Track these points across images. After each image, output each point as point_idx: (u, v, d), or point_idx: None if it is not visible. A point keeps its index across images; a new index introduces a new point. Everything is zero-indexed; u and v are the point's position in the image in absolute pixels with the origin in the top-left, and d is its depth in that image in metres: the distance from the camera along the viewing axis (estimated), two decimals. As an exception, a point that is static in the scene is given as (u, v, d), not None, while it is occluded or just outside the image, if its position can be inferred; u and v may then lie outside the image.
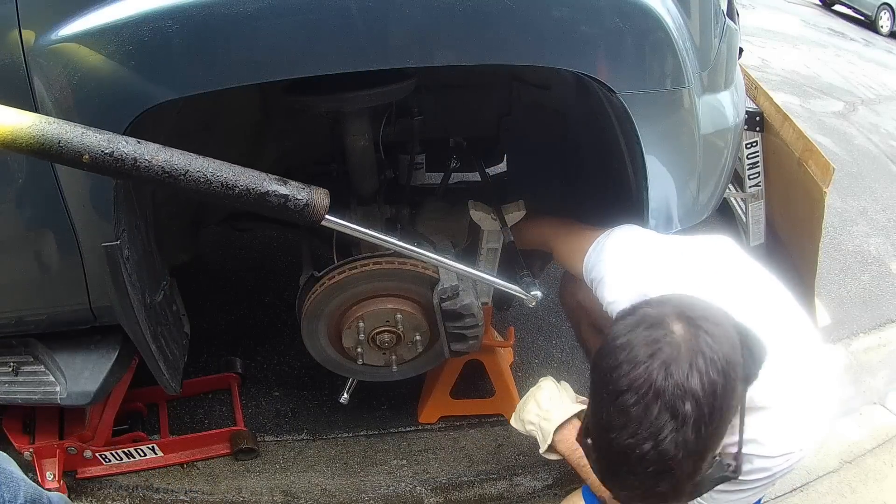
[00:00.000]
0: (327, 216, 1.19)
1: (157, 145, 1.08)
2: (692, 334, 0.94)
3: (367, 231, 1.35)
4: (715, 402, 0.92)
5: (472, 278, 1.61)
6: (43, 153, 1.02)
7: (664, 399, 0.91)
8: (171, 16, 1.11)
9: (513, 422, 1.63)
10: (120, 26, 1.10)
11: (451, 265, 1.53)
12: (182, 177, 1.07)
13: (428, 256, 1.49)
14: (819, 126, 4.91)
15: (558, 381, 1.62)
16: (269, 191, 1.12)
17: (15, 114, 1.02)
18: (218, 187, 1.09)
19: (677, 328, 0.95)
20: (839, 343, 2.70)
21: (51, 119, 1.04)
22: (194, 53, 1.16)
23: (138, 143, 1.06)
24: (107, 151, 1.02)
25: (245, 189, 1.11)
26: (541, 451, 1.54)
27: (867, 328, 2.82)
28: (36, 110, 1.15)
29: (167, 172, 1.06)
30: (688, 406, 0.91)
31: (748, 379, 1.01)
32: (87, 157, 1.02)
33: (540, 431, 1.53)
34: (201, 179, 1.08)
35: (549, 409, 1.52)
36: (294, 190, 1.14)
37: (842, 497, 2.07)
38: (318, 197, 1.16)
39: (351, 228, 1.31)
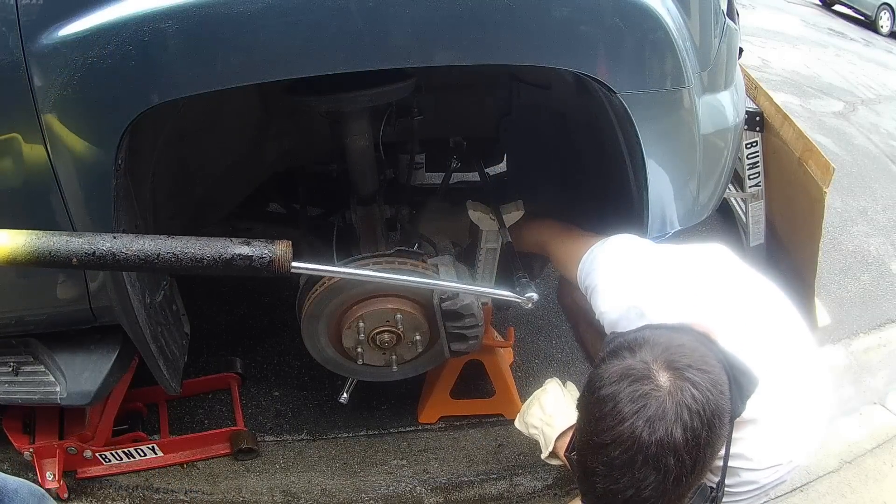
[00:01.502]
0: (294, 264, 1.24)
1: (131, 236, 1.18)
2: (678, 387, 0.94)
3: (337, 269, 1.46)
4: (698, 454, 0.93)
5: (470, 286, 1.62)
6: (39, 264, 1.13)
7: (648, 454, 0.92)
8: (170, 16, 1.11)
9: (517, 423, 1.63)
10: (120, 26, 1.10)
11: (438, 285, 1.56)
12: (156, 260, 1.17)
13: (411, 281, 1.54)
14: (819, 126, 4.91)
15: (564, 383, 1.62)
16: (234, 255, 1.19)
17: (8, 236, 1.13)
18: (188, 263, 1.18)
19: (663, 380, 0.95)
20: (839, 343, 2.70)
21: (39, 233, 1.14)
22: (194, 54, 1.16)
23: (114, 237, 1.16)
24: (89, 252, 1.14)
25: (212, 259, 1.18)
26: (542, 456, 1.53)
27: (867, 328, 2.82)
28: (36, 111, 1.15)
29: (142, 259, 1.16)
30: (671, 460, 0.92)
31: (735, 415, 1.02)
32: (75, 260, 1.14)
33: (542, 437, 1.53)
34: (172, 259, 1.17)
35: (553, 414, 1.52)
36: (257, 249, 1.20)
37: (842, 497, 2.07)
38: (281, 250, 1.21)
39: (320, 270, 1.41)
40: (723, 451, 1.06)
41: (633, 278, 1.32)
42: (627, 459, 0.92)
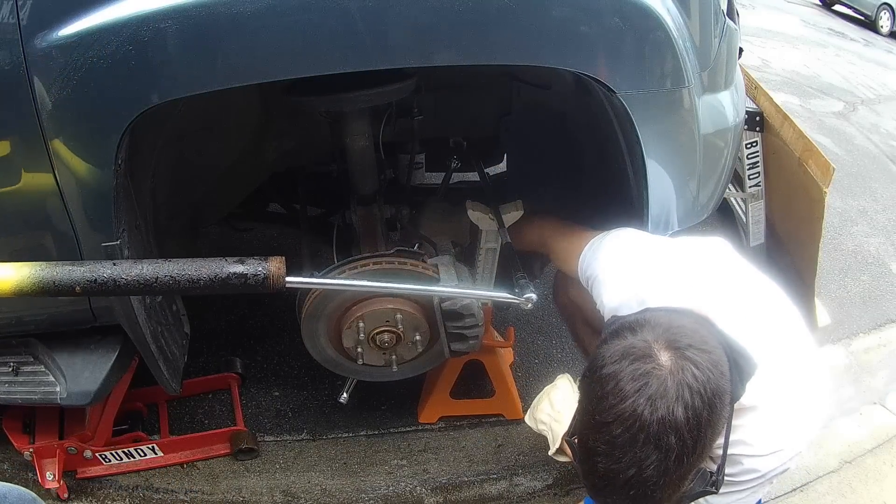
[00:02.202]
0: (288, 279, 1.27)
1: (130, 262, 1.23)
2: (679, 366, 0.95)
3: (331, 281, 1.50)
4: (699, 433, 0.94)
5: (466, 290, 1.62)
6: (45, 293, 1.19)
7: (649, 433, 0.92)
8: (170, 16, 1.11)
9: (527, 419, 1.63)
10: (120, 26, 1.10)
11: (434, 290, 1.58)
12: (154, 283, 1.21)
13: (407, 288, 1.56)
14: (819, 126, 4.91)
15: (574, 380, 1.62)
16: (229, 274, 1.23)
17: (14, 269, 1.18)
18: (186, 284, 1.22)
19: (664, 359, 0.96)
20: (839, 343, 2.70)
21: (42, 264, 1.20)
22: (194, 54, 1.16)
23: (114, 264, 1.21)
24: (91, 280, 1.18)
25: (209, 279, 1.22)
26: (550, 452, 1.54)
27: (867, 328, 2.82)
28: (36, 111, 1.15)
29: (142, 283, 1.20)
30: (672, 439, 0.92)
31: (735, 398, 1.02)
32: (78, 288, 1.19)
33: (550, 433, 1.53)
34: (170, 282, 1.21)
35: (562, 410, 1.53)
36: (251, 267, 1.24)
37: (842, 497, 2.07)
38: (275, 267, 1.25)
39: (315, 283, 1.49)
40: (723, 436, 1.06)
41: (635, 267, 1.33)
42: (629, 438, 0.93)
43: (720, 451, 1.09)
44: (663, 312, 1.07)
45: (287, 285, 1.28)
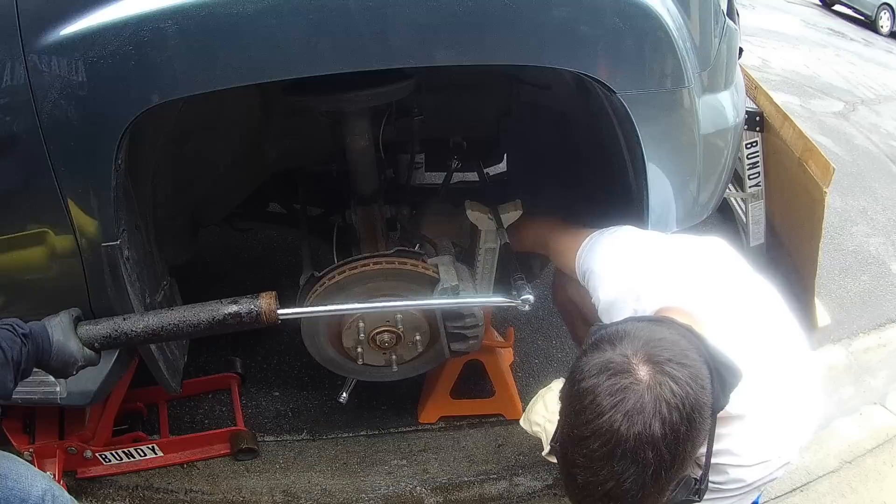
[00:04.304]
0: (280, 312, 1.35)
1: (137, 315, 1.32)
2: (657, 381, 0.94)
3: (322, 309, 1.55)
4: (677, 448, 0.93)
5: (461, 299, 1.63)
6: None
7: (626, 448, 0.92)
8: (170, 16, 1.11)
9: (521, 422, 1.64)
10: (120, 26, 1.10)
11: (429, 304, 1.60)
12: (161, 332, 1.30)
13: (399, 306, 1.62)
14: (819, 126, 4.91)
15: None
16: (225, 314, 1.31)
17: None
18: (189, 329, 1.30)
19: (642, 373, 0.95)
20: (839, 343, 2.70)
21: None
22: (194, 54, 1.16)
23: (124, 319, 1.30)
24: (106, 335, 1.28)
25: (208, 322, 1.31)
26: (543, 452, 1.54)
27: (867, 328, 2.82)
28: (35, 111, 1.15)
29: (150, 333, 1.30)
30: (649, 454, 0.92)
31: (718, 408, 1.02)
32: (96, 344, 1.28)
33: (544, 434, 1.54)
34: (174, 329, 1.30)
35: (556, 411, 1.52)
36: (245, 306, 1.32)
37: (842, 497, 2.07)
38: (266, 303, 1.33)
39: (307, 312, 1.56)
40: (706, 446, 1.06)
41: (631, 261, 1.33)
42: (606, 452, 0.93)
43: (702, 461, 1.09)
44: (644, 324, 1.06)
45: (280, 318, 1.34)
